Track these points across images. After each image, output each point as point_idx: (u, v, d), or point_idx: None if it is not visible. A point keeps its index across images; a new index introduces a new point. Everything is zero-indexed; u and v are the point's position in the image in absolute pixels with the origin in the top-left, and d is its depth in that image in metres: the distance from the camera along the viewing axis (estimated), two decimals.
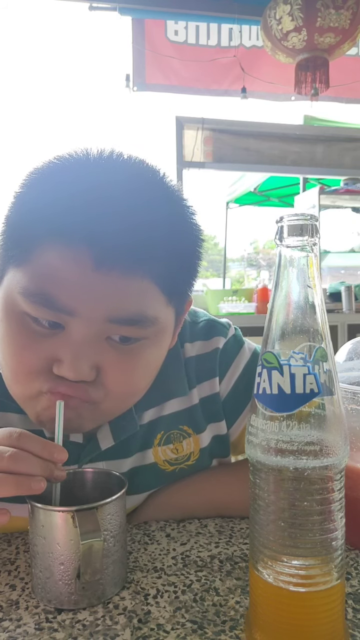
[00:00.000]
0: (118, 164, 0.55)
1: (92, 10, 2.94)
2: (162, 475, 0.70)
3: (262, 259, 11.75)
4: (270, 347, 0.40)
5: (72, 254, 0.50)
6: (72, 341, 0.52)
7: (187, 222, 0.59)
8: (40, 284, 0.51)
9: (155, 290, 0.54)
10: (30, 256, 0.52)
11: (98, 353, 0.53)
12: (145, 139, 48.77)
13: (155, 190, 0.56)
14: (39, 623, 0.47)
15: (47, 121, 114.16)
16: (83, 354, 0.52)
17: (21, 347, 0.53)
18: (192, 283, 0.62)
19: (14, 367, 0.55)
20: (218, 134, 3.65)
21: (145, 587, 0.52)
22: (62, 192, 0.51)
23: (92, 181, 0.52)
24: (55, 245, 0.50)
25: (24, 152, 67.46)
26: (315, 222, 0.40)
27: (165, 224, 0.54)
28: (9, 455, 0.47)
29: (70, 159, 0.54)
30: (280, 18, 2.35)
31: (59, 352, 0.52)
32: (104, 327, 0.52)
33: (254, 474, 0.41)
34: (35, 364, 0.53)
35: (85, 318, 0.51)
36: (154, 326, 0.55)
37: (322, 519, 0.38)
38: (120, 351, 0.54)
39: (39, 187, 0.54)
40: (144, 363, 0.57)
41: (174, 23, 3.26)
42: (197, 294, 3.85)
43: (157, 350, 0.58)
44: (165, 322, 0.57)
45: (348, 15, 2.29)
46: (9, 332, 0.54)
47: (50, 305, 0.51)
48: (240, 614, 0.48)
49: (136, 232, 0.51)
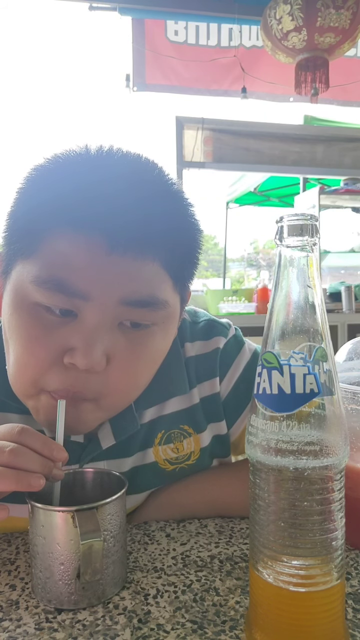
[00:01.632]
0: (118, 158, 0.56)
1: (92, 10, 2.94)
2: (162, 475, 0.70)
3: (262, 259, 11.75)
4: (270, 347, 0.40)
5: (85, 241, 0.51)
6: (86, 328, 0.53)
7: (187, 212, 0.61)
8: (53, 271, 0.52)
9: (164, 274, 0.56)
10: (39, 246, 0.53)
11: (110, 340, 0.54)
12: (145, 139, 48.79)
13: (155, 182, 0.58)
14: (39, 623, 0.47)
15: (47, 121, 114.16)
16: (96, 340, 0.53)
17: (33, 338, 0.54)
18: (194, 272, 0.64)
19: (25, 359, 0.55)
20: (218, 134, 3.65)
21: (145, 587, 0.52)
22: (68, 184, 0.53)
23: (96, 174, 0.54)
24: (66, 234, 0.52)
25: (24, 152, 67.48)
26: (315, 222, 0.40)
27: (168, 213, 0.56)
28: (9, 449, 0.47)
29: (72, 154, 0.56)
30: (281, 18, 2.34)
31: (72, 341, 0.53)
32: (117, 311, 0.53)
33: (254, 474, 0.41)
34: (46, 355, 0.53)
35: (99, 302, 0.52)
36: (164, 310, 0.56)
37: (322, 519, 0.38)
38: (130, 339, 0.56)
39: (44, 181, 0.55)
40: (151, 352, 0.58)
41: (174, 23, 3.26)
42: (197, 294, 3.85)
43: (163, 338, 0.60)
44: (173, 307, 0.59)
45: (348, 15, 2.29)
46: (20, 324, 0.54)
47: (64, 290, 0.51)
48: (240, 614, 0.48)
49: (144, 219, 0.53)
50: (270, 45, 2.53)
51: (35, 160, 0.57)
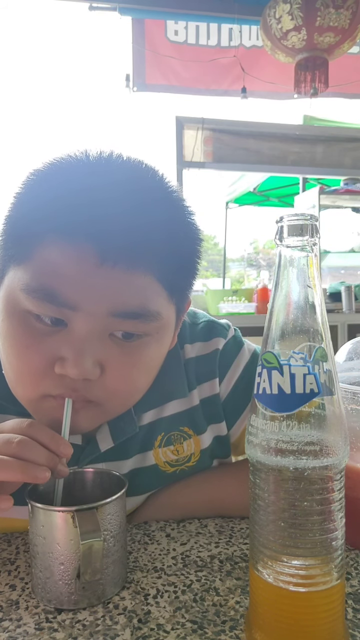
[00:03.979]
0: (118, 164, 0.55)
1: (92, 10, 2.94)
2: (162, 477, 0.70)
3: (262, 259, 11.76)
4: (270, 347, 0.40)
5: (76, 251, 0.50)
6: (75, 337, 0.52)
7: (186, 221, 0.59)
8: (43, 280, 0.51)
9: (157, 286, 0.55)
10: (31, 254, 0.52)
11: (101, 350, 0.53)
12: (146, 139, 48.71)
13: (155, 190, 0.56)
14: (39, 623, 0.47)
15: (47, 121, 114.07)
16: (86, 350, 0.52)
17: (24, 346, 0.53)
18: (192, 282, 0.63)
19: (18, 367, 0.55)
20: (218, 134, 3.65)
21: (145, 587, 0.52)
22: (63, 191, 0.52)
23: (93, 180, 0.52)
24: (57, 242, 0.51)
25: (24, 152, 67.51)
26: (315, 222, 0.40)
27: (165, 222, 0.55)
28: (17, 441, 0.48)
29: (70, 159, 0.55)
30: (280, 17, 2.35)
31: (62, 350, 0.52)
32: (107, 322, 0.53)
33: (254, 474, 0.41)
34: (38, 363, 0.53)
35: (88, 313, 0.51)
36: (157, 321, 0.55)
37: (322, 519, 0.38)
38: (122, 348, 0.55)
39: (40, 186, 0.54)
40: (146, 361, 0.57)
41: (174, 23, 3.26)
42: (197, 294, 3.84)
43: (158, 348, 0.59)
44: (167, 318, 0.57)
45: (348, 15, 2.29)
46: (11, 331, 0.54)
47: (53, 300, 0.51)
48: (240, 614, 0.48)
49: (138, 229, 0.51)
50: (270, 45, 2.53)
51: (35, 160, 0.56)
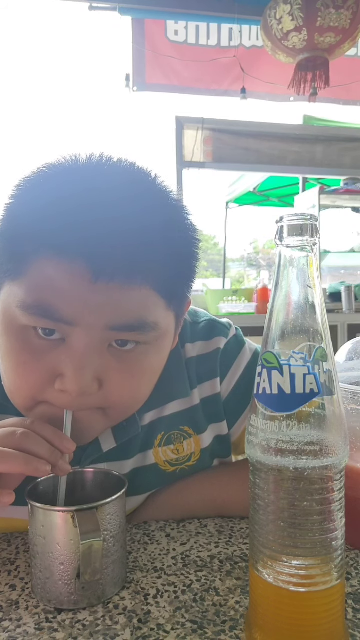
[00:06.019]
0: (108, 169, 0.54)
1: (92, 10, 2.94)
2: (162, 476, 0.70)
3: (262, 259, 11.75)
4: (270, 347, 0.40)
5: (69, 268, 0.49)
6: (74, 353, 0.51)
7: (183, 223, 0.58)
8: (38, 296, 0.50)
9: (154, 296, 0.54)
10: (26, 269, 0.51)
11: (100, 363, 0.52)
12: (146, 139, 48.77)
13: (148, 194, 0.55)
14: (39, 623, 0.47)
15: (47, 121, 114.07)
16: (85, 365, 0.51)
17: (22, 362, 0.53)
18: (191, 284, 0.62)
19: (16, 382, 0.54)
20: (218, 134, 3.65)
21: (145, 587, 0.52)
22: (53, 205, 0.50)
23: (83, 191, 0.51)
24: (51, 259, 0.50)
25: (23, 152, 67.52)
26: (315, 222, 0.40)
27: (160, 228, 0.53)
28: (21, 432, 0.48)
29: (59, 166, 0.53)
30: (281, 18, 2.34)
31: (61, 366, 0.51)
32: (104, 335, 0.52)
33: (254, 474, 0.41)
34: (37, 379, 0.53)
35: (86, 327, 0.51)
36: (155, 331, 0.55)
37: (322, 519, 0.38)
38: (121, 359, 0.54)
39: (29, 198, 0.53)
40: (146, 370, 0.57)
41: (174, 23, 3.25)
42: (197, 294, 3.84)
43: (158, 355, 0.58)
44: (165, 326, 0.57)
45: (348, 15, 2.29)
46: (9, 347, 0.54)
47: (50, 316, 0.50)
48: (240, 614, 0.48)
49: (132, 241, 0.50)
50: (270, 45, 2.53)
51: (35, 161, 0.54)
